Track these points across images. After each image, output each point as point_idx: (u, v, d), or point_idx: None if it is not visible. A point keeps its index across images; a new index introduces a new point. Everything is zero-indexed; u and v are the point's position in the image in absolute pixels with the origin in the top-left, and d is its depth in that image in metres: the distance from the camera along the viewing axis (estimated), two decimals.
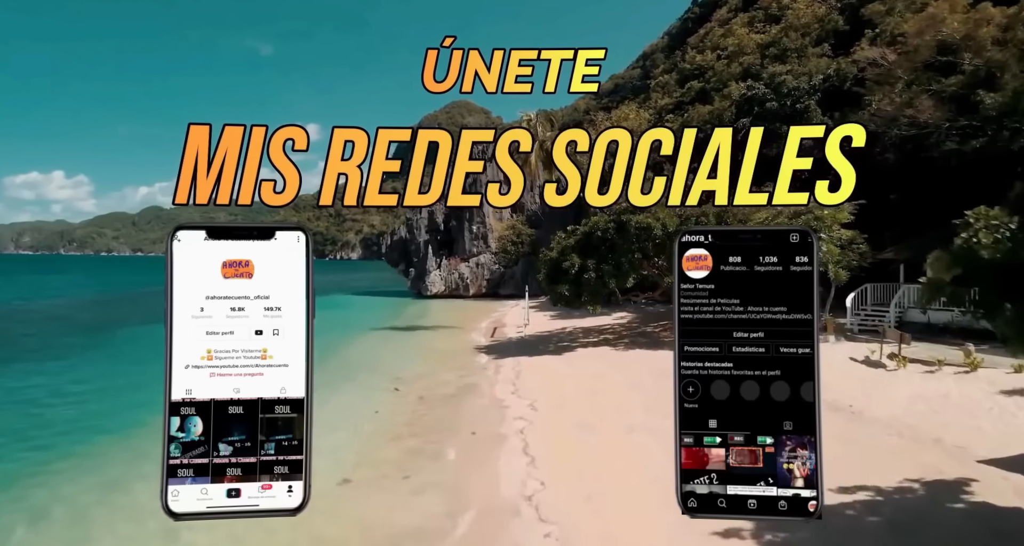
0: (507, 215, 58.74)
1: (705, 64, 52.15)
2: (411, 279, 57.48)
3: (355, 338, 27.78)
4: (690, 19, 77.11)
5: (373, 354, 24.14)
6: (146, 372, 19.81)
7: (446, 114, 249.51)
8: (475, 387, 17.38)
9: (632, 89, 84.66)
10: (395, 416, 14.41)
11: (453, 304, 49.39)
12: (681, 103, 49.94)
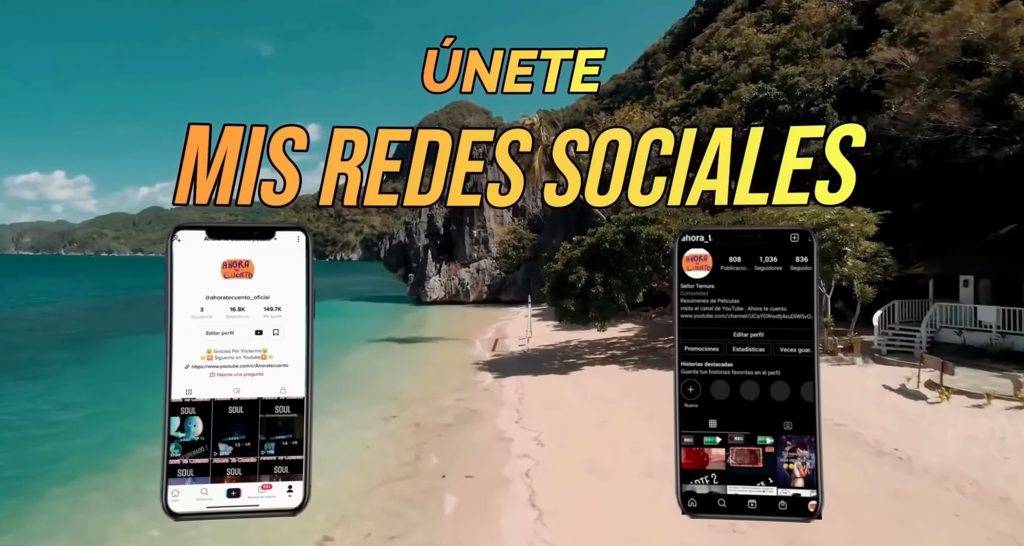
0: (508, 219, 57.51)
1: (712, 65, 50.86)
2: (410, 285, 56.20)
3: (351, 351, 26.58)
4: (695, 19, 75.74)
5: (369, 370, 22.87)
6: (136, 393, 18.79)
7: (447, 114, 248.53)
8: (476, 414, 16.13)
9: (634, 89, 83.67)
10: (387, 453, 13.16)
11: (453, 311, 48.15)
12: (687, 105, 48.69)
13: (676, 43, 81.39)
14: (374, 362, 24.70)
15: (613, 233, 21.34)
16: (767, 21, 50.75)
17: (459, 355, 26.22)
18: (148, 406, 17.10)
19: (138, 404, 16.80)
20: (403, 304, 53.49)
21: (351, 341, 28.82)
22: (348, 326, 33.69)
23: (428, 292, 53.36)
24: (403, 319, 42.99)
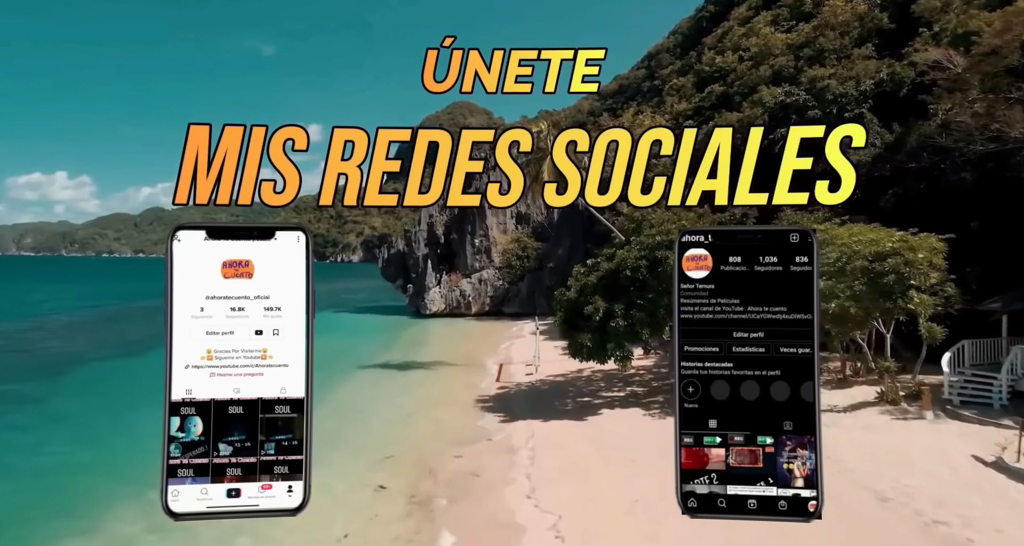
0: (512, 227, 55.00)
1: (726, 66, 48.37)
2: (409, 296, 53.65)
3: (341, 383, 24.10)
4: (704, 18, 73.11)
5: (359, 413, 20.26)
6: (110, 439, 16.61)
7: (448, 115, 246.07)
8: (479, 484, 13.63)
9: (638, 90, 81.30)
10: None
11: (454, 326, 45.66)
12: (701, 108, 46.24)
13: (684, 43, 78.86)
14: (365, 402, 22.14)
15: (635, 258, 18.83)
16: (785, 19, 48.23)
17: (461, 388, 23.69)
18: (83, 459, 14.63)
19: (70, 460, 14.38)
20: (401, 317, 51.00)
21: (342, 369, 26.34)
22: (341, 347, 31.11)
23: (428, 304, 50.85)
24: (401, 336, 40.50)
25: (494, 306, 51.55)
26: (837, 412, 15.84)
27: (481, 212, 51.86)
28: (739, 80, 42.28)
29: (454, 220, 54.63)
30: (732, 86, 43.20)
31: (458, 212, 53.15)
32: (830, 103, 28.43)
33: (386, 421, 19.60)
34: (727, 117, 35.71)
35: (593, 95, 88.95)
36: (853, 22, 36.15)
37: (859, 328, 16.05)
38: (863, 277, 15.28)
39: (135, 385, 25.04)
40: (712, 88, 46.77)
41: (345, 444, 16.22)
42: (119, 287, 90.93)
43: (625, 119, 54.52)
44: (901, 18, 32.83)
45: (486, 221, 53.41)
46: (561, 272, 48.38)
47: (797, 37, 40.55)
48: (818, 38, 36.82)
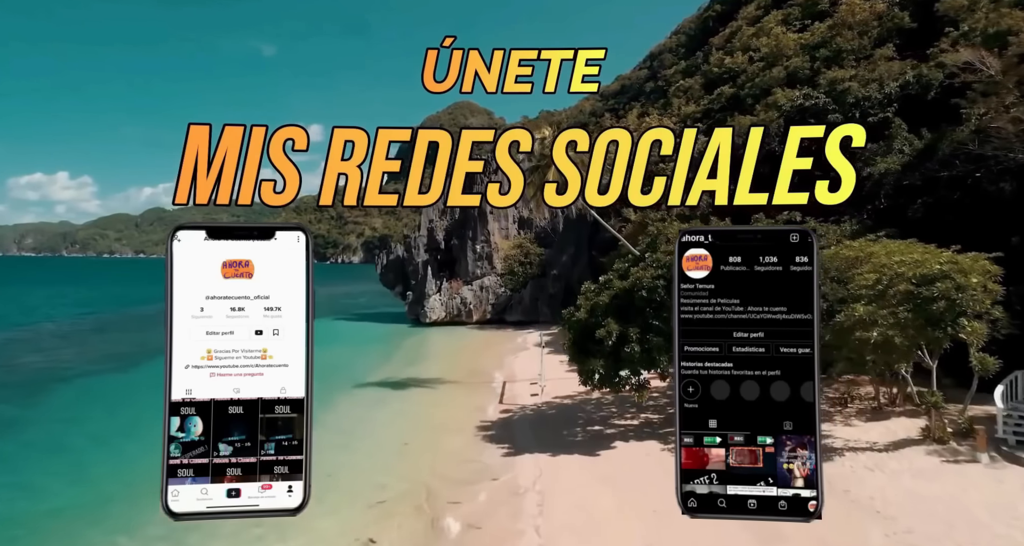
0: (514, 232, 53.49)
1: (736, 67, 46.84)
2: (408, 303, 52.12)
3: (337, 401, 22.67)
4: (711, 17, 71.55)
5: (353, 439, 18.77)
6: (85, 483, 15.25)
7: (448, 115, 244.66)
8: (482, 540, 12.12)
9: (640, 90, 79.85)
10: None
11: (455, 335, 44.17)
12: (710, 111, 44.72)
13: (689, 43, 77.35)
14: (359, 426, 20.64)
15: (651, 277, 17.33)
16: (796, 19, 46.69)
17: (461, 413, 22.17)
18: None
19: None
20: (401, 325, 49.52)
21: (338, 385, 24.88)
22: (336, 360, 29.55)
23: (428, 312, 49.35)
24: (399, 348, 39.01)
25: (496, 314, 50.03)
26: (878, 451, 14.31)
27: (482, 217, 50.39)
28: (751, 82, 40.78)
29: (455, 225, 53.15)
30: (743, 88, 41.69)
31: (459, 217, 51.71)
32: (852, 107, 26.92)
33: (381, 452, 18.12)
34: (740, 120, 34.17)
35: (595, 95, 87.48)
36: (872, 21, 34.59)
37: (904, 360, 14.53)
38: (908, 303, 13.76)
39: (116, 405, 23.60)
40: (722, 90, 45.27)
41: (335, 482, 14.71)
42: (117, 291, 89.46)
43: (629, 121, 53.04)
44: (924, 17, 31.28)
45: (488, 226, 51.90)
46: (565, 279, 46.88)
47: (811, 37, 39.01)
48: (835, 38, 35.26)
